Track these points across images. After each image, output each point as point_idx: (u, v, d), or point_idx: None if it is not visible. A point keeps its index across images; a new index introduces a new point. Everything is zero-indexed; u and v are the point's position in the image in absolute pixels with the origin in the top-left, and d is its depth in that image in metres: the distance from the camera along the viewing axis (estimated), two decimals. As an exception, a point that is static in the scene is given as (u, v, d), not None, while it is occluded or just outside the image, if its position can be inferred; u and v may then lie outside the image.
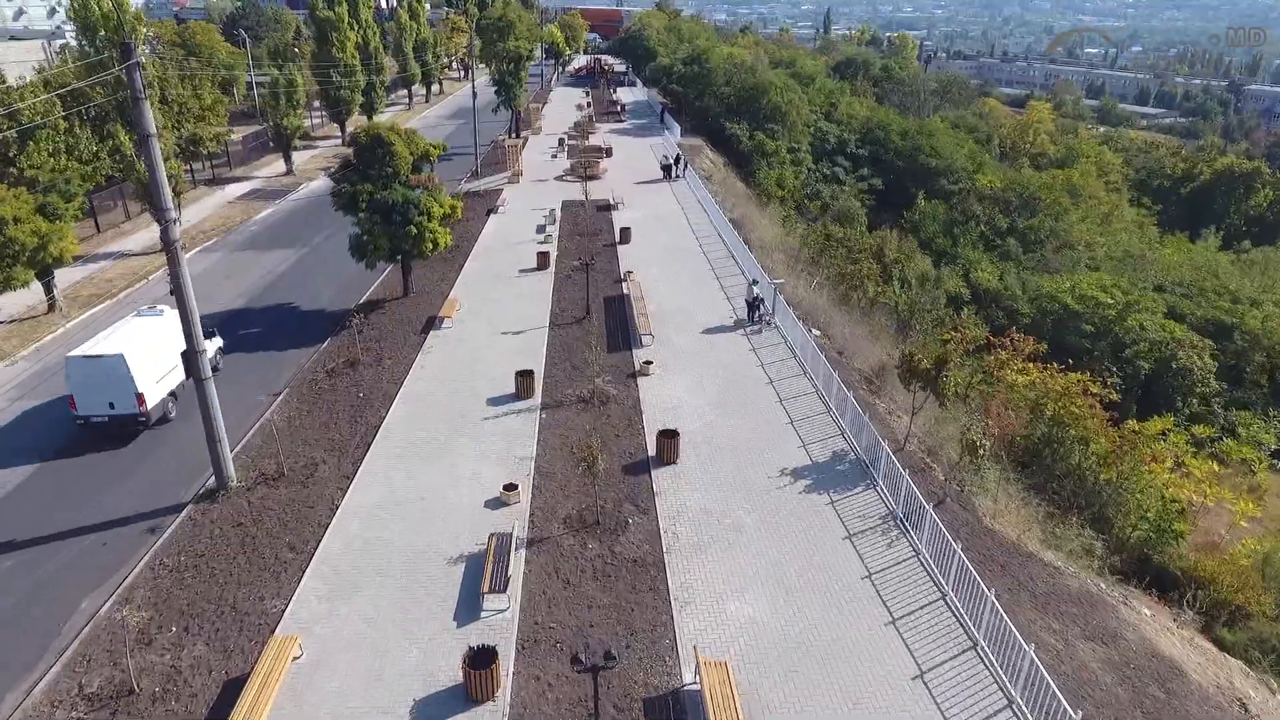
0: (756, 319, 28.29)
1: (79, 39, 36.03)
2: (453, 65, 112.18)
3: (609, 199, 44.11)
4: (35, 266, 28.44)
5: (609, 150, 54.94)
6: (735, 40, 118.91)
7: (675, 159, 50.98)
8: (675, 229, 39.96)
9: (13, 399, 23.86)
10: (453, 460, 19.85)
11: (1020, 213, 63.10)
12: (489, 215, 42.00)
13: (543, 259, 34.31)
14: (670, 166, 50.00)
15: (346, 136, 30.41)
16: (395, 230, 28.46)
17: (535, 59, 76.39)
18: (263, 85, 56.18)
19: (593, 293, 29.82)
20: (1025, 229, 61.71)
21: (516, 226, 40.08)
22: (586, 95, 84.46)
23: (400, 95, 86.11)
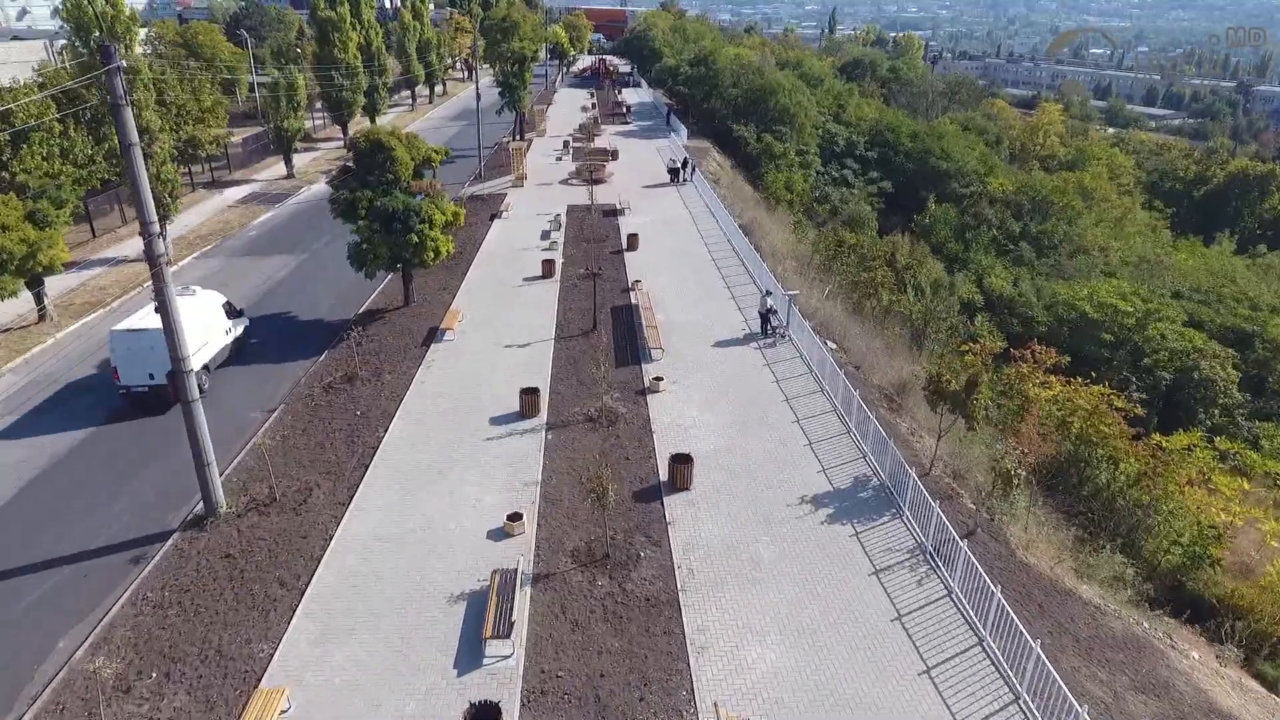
0: (770, 331, 27.25)
1: (71, 39, 35.18)
2: (456, 66, 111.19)
3: (615, 204, 43.08)
4: (24, 275, 27.51)
5: (615, 153, 53.90)
6: (740, 41, 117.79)
7: (683, 162, 49.90)
8: (684, 235, 38.92)
9: (-3, 416, 22.92)
10: (453, 485, 18.83)
11: (1033, 217, 61.94)
12: (493, 220, 40.99)
13: (548, 267, 33.28)
14: (678, 170, 48.91)
15: (348, 139, 29.53)
16: (396, 239, 27.44)
17: (540, 60, 75.35)
18: (264, 86, 55.23)
19: (600, 302, 28.79)
20: (1038, 233, 60.56)
21: (521, 232, 39.08)
22: (591, 96, 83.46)
23: (403, 96, 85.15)
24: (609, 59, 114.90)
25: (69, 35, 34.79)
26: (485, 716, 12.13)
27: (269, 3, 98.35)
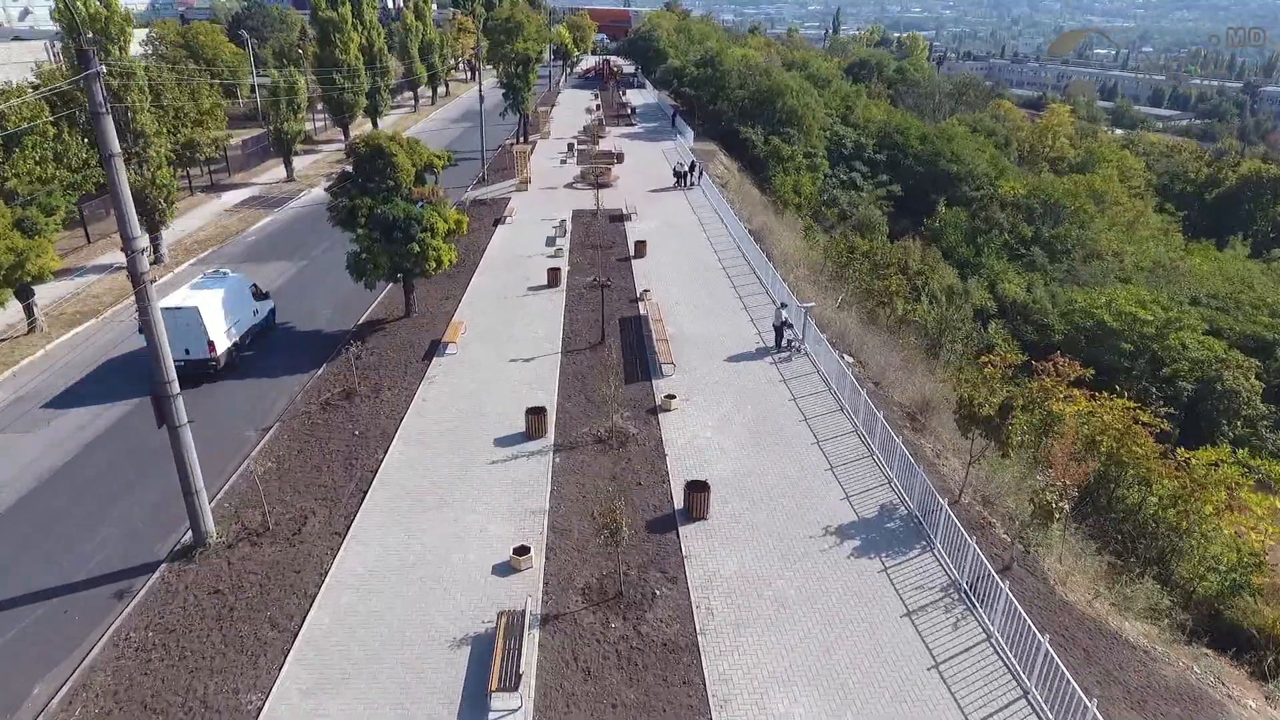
0: (785, 345, 26.21)
1: (65, 40, 34.23)
2: (459, 67, 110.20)
3: (622, 208, 42.06)
4: (12, 285, 26.57)
5: (620, 156, 52.86)
6: (745, 41, 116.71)
7: (690, 166, 48.83)
8: (692, 241, 37.87)
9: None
10: (456, 514, 17.81)
11: (1044, 220, 60.82)
12: (496, 226, 39.98)
13: (553, 275, 32.26)
14: (685, 174, 47.84)
15: (347, 144, 28.55)
16: (396, 248, 26.44)
17: (544, 60, 74.29)
18: (264, 88, 54.29)
19: (607, 312, 27.76)
20: (1051, 238, 59.47)
21: (525, 238, 38.04)
22: (595, 97, 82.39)
23: (406, 97, 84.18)
24: (613, 60, 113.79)
25: (62, 37, 33.85)
26: (492, 784, 11.14)
27: (271, 3, 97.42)
